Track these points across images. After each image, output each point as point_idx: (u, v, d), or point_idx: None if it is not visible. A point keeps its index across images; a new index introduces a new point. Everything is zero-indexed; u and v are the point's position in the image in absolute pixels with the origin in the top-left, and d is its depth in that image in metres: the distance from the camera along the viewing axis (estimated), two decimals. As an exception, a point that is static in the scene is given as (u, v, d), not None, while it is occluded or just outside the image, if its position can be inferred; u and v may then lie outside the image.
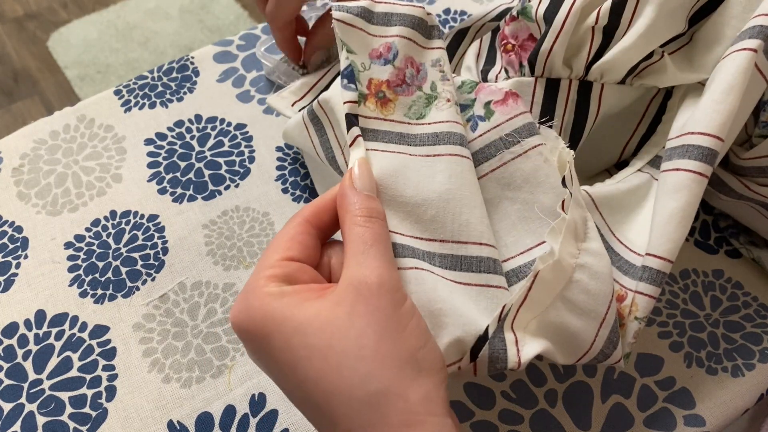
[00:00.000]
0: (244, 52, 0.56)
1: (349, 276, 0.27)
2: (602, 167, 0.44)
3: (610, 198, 0.38)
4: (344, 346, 0.25)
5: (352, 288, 0.26)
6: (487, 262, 0.31)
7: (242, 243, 0.45)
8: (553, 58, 0.37)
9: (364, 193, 0.29)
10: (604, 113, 0.40)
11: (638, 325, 0.33)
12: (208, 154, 0.49)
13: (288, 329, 0.25)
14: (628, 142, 0.43)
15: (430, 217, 0.31)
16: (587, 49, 0.37)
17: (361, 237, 0.28)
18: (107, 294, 0.42)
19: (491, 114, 0.34)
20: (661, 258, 0.33)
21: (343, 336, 0.25)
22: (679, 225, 0.33)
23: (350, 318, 0.25)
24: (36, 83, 1.38)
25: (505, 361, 0.29)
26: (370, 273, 0.26)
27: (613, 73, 0.38)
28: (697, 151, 0.32)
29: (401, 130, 0.33)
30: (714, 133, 0.32)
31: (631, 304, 0.33)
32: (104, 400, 0.38)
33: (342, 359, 0.25)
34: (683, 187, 0.33)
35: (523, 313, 0.30)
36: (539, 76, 0.38)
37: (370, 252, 0.27)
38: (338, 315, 0.25)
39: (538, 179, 0.33)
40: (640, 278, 0.33)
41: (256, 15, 1.52)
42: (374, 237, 0.28)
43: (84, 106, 0.52)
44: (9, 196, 0.47)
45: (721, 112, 0.32)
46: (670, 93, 0.41)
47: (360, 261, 0.27)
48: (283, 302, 0.26)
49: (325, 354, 0.25)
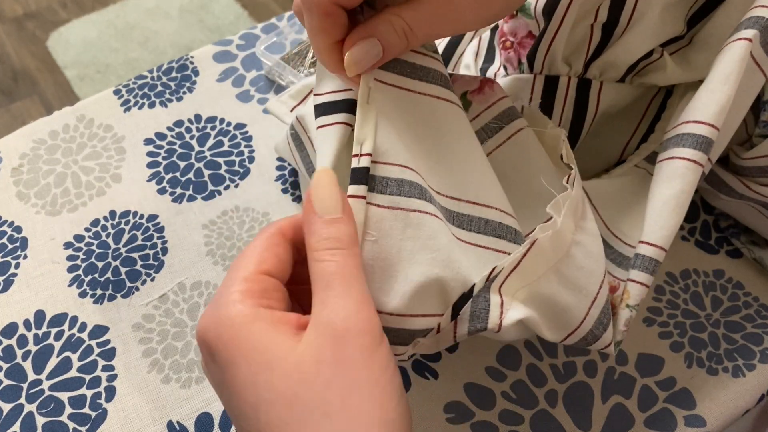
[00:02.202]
0: (243, 51, 0.56)
1: (315, 317, 0.24)
2: (603, 167, 0.44)
3: (605, 192, 0.37)
4: (310, 397, 0.22)
5: (319, 331, 0.23)
6: (507, 229, 0.29)
7: (242, 243, 0.45)
8: (552, 54, 0.37)
9: (325, 218, 0.26)
10: (604, 112, 0.40)
11: (630, 312, 0.33)
12: (207, 154, 0.49)
13: (255, 363, 0.23)
14: (629, 141, 0.43)
15: (445, 170, 0.29)
16: (586, 47, 0.37)
17: (324, 272, 0.25)
18: (107, 294, 0.42)
19: (468, 105, 0.33)
20: (654, 246, 0.32)
21: (309, 386, 0.23)
22: (673, 212, 0.32)
23: (317, 365, 0.23)
24: (35, 83, 1.38)
25: (486, 321, 0.28)
26: (335, 315, 0.24)
27: (613, 71, 0.38)
28: (692, 139, 0.32)
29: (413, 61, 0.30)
30: (709, 121, 0.32)
31: (623, 292, 0.33)
32: (104, 401, 0.38)
33: (307, 412, 0.22)
34: (677, 175, 0.32)
35: (514, 279, 0.29)
36: (538, 73, 0.38)
37: (334, 289, 0.24)
38: (305, 360, 0.23)
39: (528, 163, 0.32)
40: (633, 265, 0.33)
41: (256, 15, 1.52)
42: (339, 271, 0.25)
43: (83, 105, 0.52)
44: (8, 196, 0.47)
45: (715, 101, 0.32)
46: (670, 92, 0.41)
47: (324, 300, 0.24)
48: (255, 328, 0.24)
49: (290, 402, 0.22)
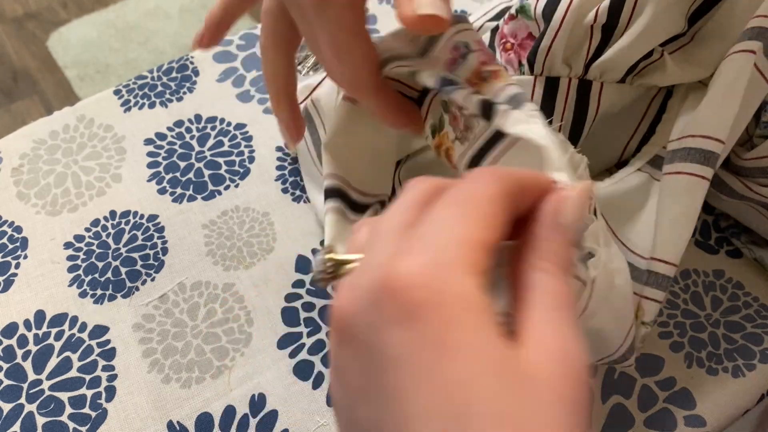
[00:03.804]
0: (244, 51, 0.56)
1: (542, 337, 0.19)
2: (603, 167, 0.44)
3: (611, 200, 0.38)
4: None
5: (553, 360, 0.19)
6: None
7: (242, 243, 0.45)
8: (552, 56, 0.37)
9: (570, 237, 0.21)
10: (605, 112, 0.40)
11: (645, 329, 0.34)
12: (207, 154, 0.49)
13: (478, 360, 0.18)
14: (629, 141, 0.43)
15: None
16: (586, 48, 0.37)
17: (560, 293, 0.20)
18: (107, 294, 0.42)
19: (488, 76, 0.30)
20: (666, 263, 0.33)
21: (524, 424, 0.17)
22: (683, 229, 0.33)
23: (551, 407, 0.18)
24: (35, 83, 1.38)
25: None
26: (573, 347, 0.19)
27: (613, 72, 0.38)
28: (699, 154, 0.33)
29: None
30: (715, 136, 0.33)
31: (637, 308, 0.33)
32: (104, 401, 0.38)
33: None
34: (685, 190, 0.33)
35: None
36: (538, 75, 0.38)
37: (567, 318, 0.20)
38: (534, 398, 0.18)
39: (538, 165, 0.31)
40: (646, 282, 0.34)
41: (256, 15, 1.52)
42: (569, 294, 0.21)
43: (83, 106, 0.52)
44: (8, 196, 0.47)
45: (721, 115, 0.33)
46: (670, 93, 0.41)
47: (556, 324, 0.19)
48: (485, 318, 0.18)
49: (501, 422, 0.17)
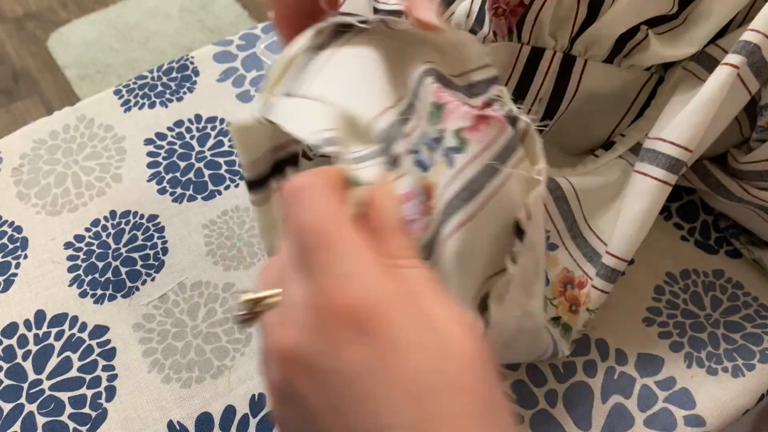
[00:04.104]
0: (244, 51, 0.56)
1: (451, 319, 0.22)
2: (590, 146, 0.45)
3: (590, 189, 0.40)
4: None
5: (465, 328, 0.22)
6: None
7: (242, 243, 0.45)
8: (539, 25, 0.37)
9: (396, 227, 0.24)
10: (593, 93, 0.41)
11: (589, 315, 0.37)
12: (207, 154, 0.49)
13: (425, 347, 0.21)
14: (619, 124, 0.44)
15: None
16: (572, 22, 0.38)
17: (426, 278, 0.23)
18: (107, 294, 0.42)
19: (465, 145, 0.29)
20: (618, 258, 0.36)
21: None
22: (639, 228, 0.36)
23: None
24: (36, 83, 1.38)
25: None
26: (466, 316, 0.22)
27: (597, 47, 0.38)
28: (665, 160, 0.35)
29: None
30: (683, 144, 0.35)
31: (586, 297, 0.37)
32: (104, 401, 0.38)
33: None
34: (648, 193, 0.36)
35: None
36: (525, 43, 0.38)
37: (440, 294, 0.23)
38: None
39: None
40: (597, 274, 0.37)
41: (256, 15, 1.52)
42: (431, 277, 0.23)
43: (84, 106, 0.52)
44: (9, 196, 0.47)
45: (693, 124, 0.35)
46: (662, 79, 0.42)
47: (446, 304, 0.22)
48: (416, 314, 0.21)
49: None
